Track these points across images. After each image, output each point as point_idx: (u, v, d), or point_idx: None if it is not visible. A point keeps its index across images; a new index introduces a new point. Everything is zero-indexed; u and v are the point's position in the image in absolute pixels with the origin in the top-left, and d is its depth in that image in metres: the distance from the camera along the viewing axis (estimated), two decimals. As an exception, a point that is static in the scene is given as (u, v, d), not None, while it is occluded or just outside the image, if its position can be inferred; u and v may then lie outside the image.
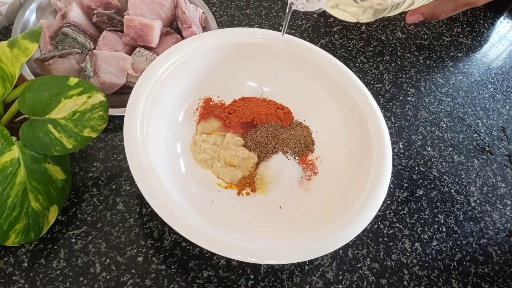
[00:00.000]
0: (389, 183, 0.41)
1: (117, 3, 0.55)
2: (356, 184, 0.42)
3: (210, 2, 0.67)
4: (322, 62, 0.50)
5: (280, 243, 0.36)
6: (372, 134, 0.45)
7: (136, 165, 0.37)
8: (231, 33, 0.50)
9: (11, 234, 0.36)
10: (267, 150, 0.48)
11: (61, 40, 0.50)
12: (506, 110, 0.66)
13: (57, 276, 0.39)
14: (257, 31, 0.50)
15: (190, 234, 0.34)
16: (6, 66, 0.37)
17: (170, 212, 0.35)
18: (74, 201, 0.44)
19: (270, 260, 0.35)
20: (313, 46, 0.51)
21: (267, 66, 0.52)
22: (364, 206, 0.39)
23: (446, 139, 0.59)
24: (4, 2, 0.54)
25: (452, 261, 0.48)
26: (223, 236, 0.35)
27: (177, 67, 0.46)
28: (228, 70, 0.51)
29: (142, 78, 0.43)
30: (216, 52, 0.49)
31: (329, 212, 0.41)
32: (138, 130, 0.39)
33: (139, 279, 0.40)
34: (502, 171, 0.57)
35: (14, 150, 0.35)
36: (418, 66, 0.69)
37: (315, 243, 0.36)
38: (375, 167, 0.42)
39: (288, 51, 0.51)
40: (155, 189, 0.36)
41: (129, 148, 0.38)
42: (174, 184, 0.40)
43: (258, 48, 0.50)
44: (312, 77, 0.51)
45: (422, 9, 0.48)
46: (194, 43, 0.48)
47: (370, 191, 0.40)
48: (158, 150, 0.41)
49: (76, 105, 0.38)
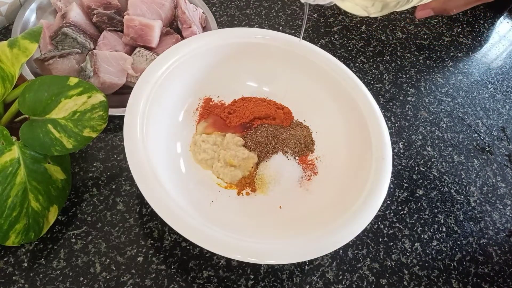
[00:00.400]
0: (389, 183, 0.41)
1: (117, 3, 0.55)
2: (356, 184, 0.42)
3: (210, 2, 0.67)
4: (322, 62, 0.50)
5: (280, 243, 0.36)
6: (372, 134, 0.45)
7: (136, 165, 0.37)
8: (231, 33, 0.50)
9: (11, 234, 0.36)
10: (267, 150, 0.48)
11: (61, 40, 0.50)
12: (506, 110, 0.66)
13: (57, 276, 0.39)
14: (257, 31, 0.50)
15: (190, 234, 0.34)
16: (6, 66, 0.37)
17: (170, 212, 0.35)
18: (74, 201, 0.44)
19: (270, 260, 0.35)
20: (313, 46, 0.51)
21: (267, 66, 0.52)
22: (364, 206, 0.39)
23: (446, 139, 0.59)
24: (4, 2, 0.54)
25: (452, 261, 0.48)
26: (223, 236, 0.35)
27: (177, 67, 0.46)
28: (228, 70, 0.51)
29: (142, 78, 0.43)
30: (216, 52, 0.49)
31: (329, 212, 0.41)
32: (138, 130, 0.39)
33: (139, 279, 0.40)
34: (502, 171, 0.57)
35: (14, 150, 0.35)
36: (418, 66, 0.69)
37: (315, 243, 0.36)
38: (375, 167, 0.42)
39: (288, 51, 0.51)
40: (155, 189, 0.36)
41: (129, 148, 0.38)
42: (174, 184, 0.40)
43: (258, 48, 0.50)
44: (312, 77, 0.51)
45: (432, 4, 0.46)
46: (194, 43, 0.48)
47: (370, 191, 0.40)
48: (158, 150, 0.41)
49: (76, 105, 0.38)
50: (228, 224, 0.39)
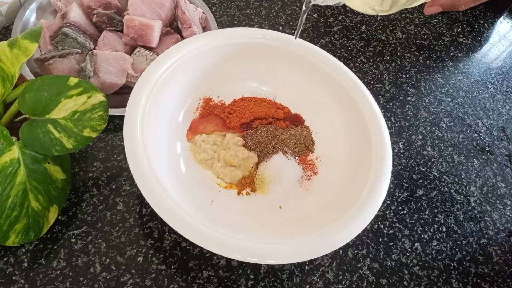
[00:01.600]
0: (389, 183, 0.41)
1: (117, 3, 0.55)
2: (356, 184, 0.42)
3: (210, 2, 0.67)
4: (322, 62, 0.50)
5: (280, 243, 0.36)
6: (372, 134, 0.45)
7: (136, 165, 0.37)
8: (231, 33, 0.50)
9: (11, 234, 0.36)
10: (267, 150, 0.48)
11: (61, 40, 0.50)
12: (506, 110, 0.66)
13: (57, 276, 0.39)
14: (257, 31, 0.50)
15: (190, 234, 0.34)
16: (6, 66, 0.37)
17: (170, 212, 0.35)
18: (74, 201, 0.44)
19: (270, 260, 0.35)
20: (312, 46, 0.51)
21: (267, 66, 0.52)
22: (364, 206, 0.39)
23: (446, 139, 0.59)
24: (4, 2, 0.54)
25: (452, 261, 0.48)
26: (223, 236, 0.35)
27: (177, 67, 0.46)
28: (228, 70, 0.51)
29: (142, 78, 0.43)
30: (216, 52, 0.49)
31: (329, 212, 0.41)
32: (138, 130, 0.39)
33: (139, 279, 0.40)
34: (502, 171, 0.57)
35: (14, 150, 0.35)
36: (418, 66, 0.69)
37: (315, 243, 0.36)
38: (375, 167, 0.42)
39: (288, 51, 0.51)
40: (155, 190, 0.36)
41: (129, 148, 0.38)
42: (174, 184, 0.40)
43: (258, 48, 0.50)
44: (312, 77, 0.51)
45: (441, 0, 0.46)
46: (194, 43, 0.48)
47: (370, 191, 0.40)
48: (158, 150, 0.41)
49: (76, 105, 0.38)
50: (228, 224, 0.39)
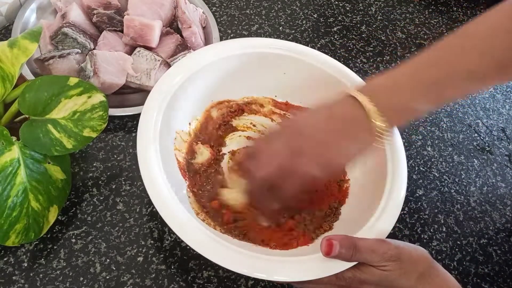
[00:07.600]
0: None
1: (117, 3, 0.55)
2: (369, 201, 0.41)
3: (210, 2, 0.67)
4: (333, 71, 0.48)
5: (288, 260, 0.35)
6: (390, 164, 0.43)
7: (154, 188, 0.36)
8: (246, 43, 0.49)
9: (11, 234, 0.36)
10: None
11: (61, 40, 0.50)
12: (506, 110, 0.66)
13: (57, 276, 0.39)
14: (272, 42, 0.49)
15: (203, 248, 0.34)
16: (6, 66, 0.38)
17: (185, 228, 0.34)
18: (74, 201, 0.44)
19: (278, 276, 0.34)
20: (325, 56, 0.49)
21: (278, 77, 0.51)
22: (377, 225, 0.38)
23: (446, 139, 0.59)
24: (4, 2, 0.54)
25: (452, 261, 0.48)
26: (233, 251, 0.34)
27: (189, 78, 0.45)
28: (242, 80, 0.50)
29: (156, 87, 0.42)
30: (228, 62, 0.48)
31: (341, 229, 0.41)
32: (152, 134, 0.39)
33: (139, 279, 0.40)
34: (502, 171, 0.57)
35: (14, 150, 0.35)
36: (418, 66, 0.68)
37: (324, 262, 0.35)
38: (389, 187, 0.41)
39: (294, 59, 0.49)
40: (171, 207, 0.35)
41: (146, 174, 0.36)
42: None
43: (271, 58, 0.49)
44: (320, 86, 0.49)
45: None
46: (209, 52, 0.47)
47: (384, 209, 0.39)
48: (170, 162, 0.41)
49: (76, 105, 0.38)
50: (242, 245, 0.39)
